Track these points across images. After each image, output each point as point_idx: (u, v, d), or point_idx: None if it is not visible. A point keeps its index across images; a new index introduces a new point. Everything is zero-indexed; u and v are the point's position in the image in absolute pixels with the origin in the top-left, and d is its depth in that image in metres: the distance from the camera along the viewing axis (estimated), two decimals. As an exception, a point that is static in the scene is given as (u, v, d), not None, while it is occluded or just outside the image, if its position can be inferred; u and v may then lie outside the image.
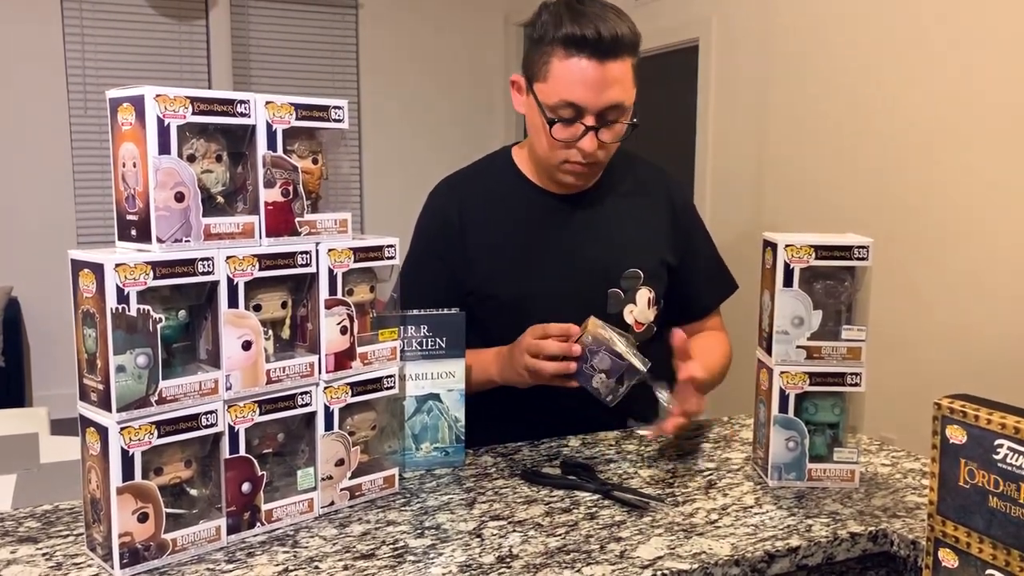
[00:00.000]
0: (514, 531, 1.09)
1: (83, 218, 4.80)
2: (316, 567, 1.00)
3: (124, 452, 0.94)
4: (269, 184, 1.05)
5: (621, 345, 1.26)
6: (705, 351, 1.48)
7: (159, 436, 0.96)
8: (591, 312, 1.34)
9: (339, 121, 1.12)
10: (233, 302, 1.02)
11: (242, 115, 1.02)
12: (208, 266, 1.00)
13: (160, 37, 4.90)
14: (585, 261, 1.48)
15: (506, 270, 1.48)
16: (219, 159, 1.03)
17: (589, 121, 1.35)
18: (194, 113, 0.98)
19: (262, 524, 1.08)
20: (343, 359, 1.13)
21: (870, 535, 1.11)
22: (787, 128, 3.40)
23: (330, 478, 1.14)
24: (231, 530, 1.05)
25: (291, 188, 1.07)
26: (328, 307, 1.11)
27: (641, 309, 1.49)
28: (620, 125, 1.38)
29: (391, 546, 1.05)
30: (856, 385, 1.23)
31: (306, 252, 1.09)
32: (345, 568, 0.99)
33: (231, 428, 1.03)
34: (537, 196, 1.51)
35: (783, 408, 1.24)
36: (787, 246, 1.21)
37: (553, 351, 1.27)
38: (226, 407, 1.03)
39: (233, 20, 5.03)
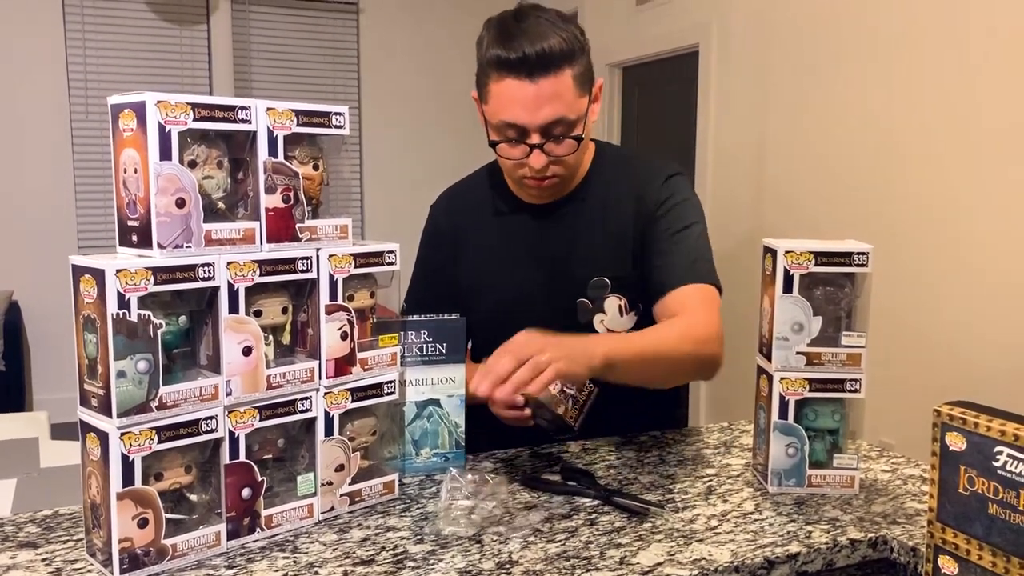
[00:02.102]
0: (514, 537, 1.09)
1: (84, 223, 4.80)
2: (316, 572, 1.00)
3: (124, 457, 0.94)
4: (270, 190, 1.05)
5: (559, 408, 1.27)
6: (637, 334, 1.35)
7: (159, 441, 0.97)
8: (564, 322, 1.34)
9: (340, 127, 1.12)
10: (234, 308, 1.02)
11: (243, 121, 1.02)
12: (209, 272, 1.00)
13: (161, 42, 4.91)
14: (555, 271, 1.48)
15: (490, 281, 1.51)
16: (220, 165, 1.03)
17: (533, 139, 1.34)
18: (195, 119, 0.98)
19: (262, 530, 1.08)
20: (343, 365, 1.14)
21: (870, 541, 1.11)
22: (787, 134, 3.40)
23: (330, 483, 1.14)
24: (231, 535, 1.05)
25: (292, 194, 1.07)
26: (328, 313, 1.11)
27: (612, 317, 1.47)
28: (569, 140, 1.35)
29: (391, 552, 1.05)
30: (856, 391, 1.23)
31: (307, 258, 1.09)
32: (345, 573, 0.99)
33: (231, 433, 1.03)
34: (516, 208, 1.52)
35: (783, 414, 1.24)
36: (787, 252, 1.21)
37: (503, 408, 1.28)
38: (226, 412, 1.03)
39: (234, 25, 5.04)
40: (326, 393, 1.12)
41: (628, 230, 1.48)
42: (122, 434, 0.94)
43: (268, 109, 1.04)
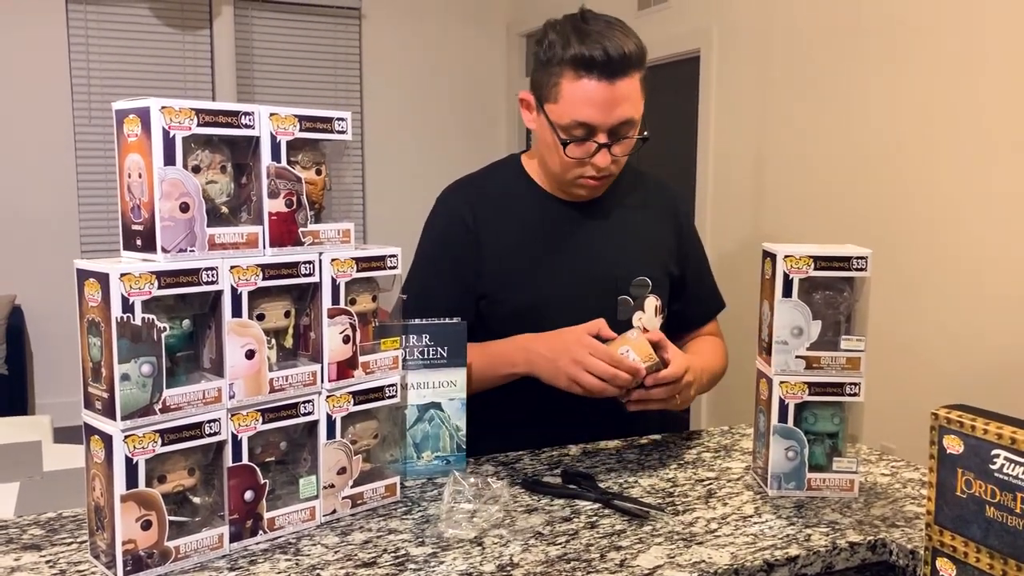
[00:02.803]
0: (515, 540, 1.09)
1: (87, 227, 4.82)
2: (318, 575, 1.00)
3: (128, 460, 0.95)
4: (273, 195, 1.06)
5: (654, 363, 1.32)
6: (700, 352, 1.55)
7: (163, 444, 0.97)
8: (601, 317, 1.36)
9: (342, 132, 1.13)
10: (237, 311, 1.03)
11: (247, 127, 1.03)
12: (212, 276, 1.01)
13: (164, 47, 4.93)
14: (596, 268, 1.50)
15: (518, 275, 1.48)
16: (224, 170, 1.04)
17: (601, 139, 1.37)
18: (199, 125, 0.99)
19: (264, 532, 1.09)
20: (345, 368, 1.14)
21: (869, 544, 1.11)
22: (787, 138, 3.41)
23: (332, 486, 1.15)
24: (233, 538, 1.06)
25: (295, 199, 1.08)
26: (331, 316, 1.12)
27: (649, 316, 1.52)
28: (632, 139, 1.40)
29: (392, 554, 1.06)
30: (855, 395, 1.24)
31: (309, 262, 1.10)
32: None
33: (234, 436, 1.04)
34: (548, 203, 1.52)
35: (782, 418, 1.24)
36: (786, 257, 1.22)
37: (620, 382, 1.28)
38: (229, 415, 1.03)
39: (237, 30, 5.06)
40: (328, 396, 1.13)
41: (666, 238, 1.58)
42: (126, 437, 0.95)
43: (271, 114, 1.05)
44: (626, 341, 1.31)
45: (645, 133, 1.42)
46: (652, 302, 1.52)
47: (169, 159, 0.97)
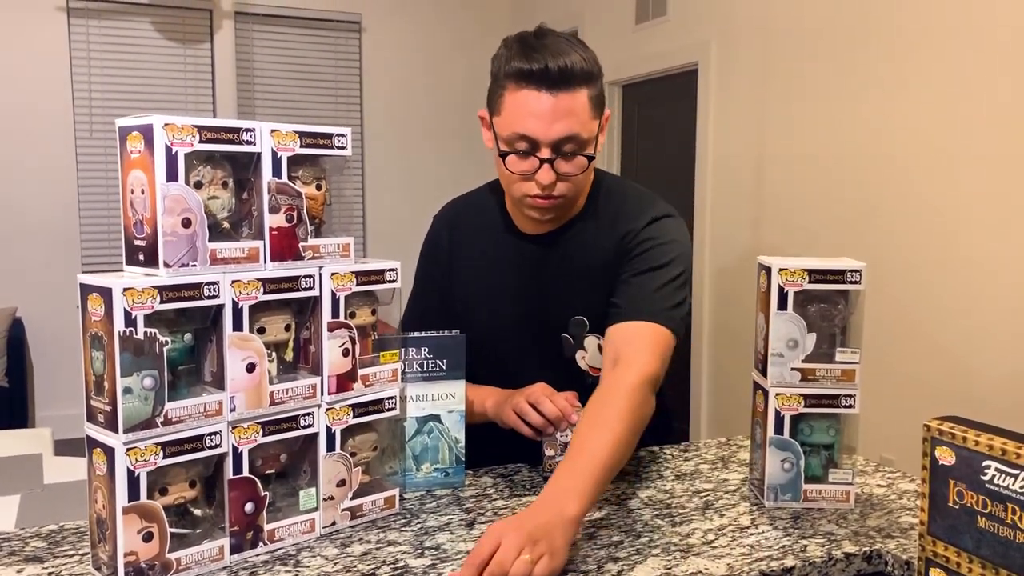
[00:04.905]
0: (513, 551, 1.10)
1: (87, 241, 4.83)
2: (317, 586, 1.01)
3: (130, 472, 0.96)
4: (274, 210, 1.07)
5: None
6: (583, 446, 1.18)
7: (164, 456, 0.98)
8: (548, 355, 1.42)
9: (342, 148, 1.14)
10: (238, 325, 1.04)
11: (248, 143, 1.05)
12: (214, 290, 1.02)
13: (165, 61, 4.96)
14: (538, 305, 1.47)
15: (477, 305, 1.51)
16: (225, 186, 1.05)
17: (543, 154, 1.32)
18: (201, 141, 1.00)
19: (265, 544, 1.09)
20: (345, 381, 1.15)
21: (864, 555, 1.12)
22: (785, 151, 3.43)
23: (331, 498, 1.16)
24: (234, 550, 1.06)
25: (295, 213, 1.09)
26: (331, 330, 1.13)
27: (592, 354, 1.46)
28: (579, 158, 1.34)
29: (391, 566, 1.06)
30: (850, 407, 1.25)
31: (309, 276, 1.11)
32: (346, 587, 1.01)
33: (235, 449, 1.05)
34: (509, 235, 1.50)
35: (778, 429, 1.25)
36: (781, 270, 1.23)
37: (540, 418, 1.33)
38: (230, 428, 1.04)
39: (238, 44, 5.09)
40: (328, 409, 1.14)
41: (608, 268, 1.43)
42: (128, 449, 0.96)
43: (272, 131, 1.07)
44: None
45: (590, 151, 1.34)
46: (593, 341, 1.46)
47: (171, 175, 0.98)
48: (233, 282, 1.03)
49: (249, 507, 1.07)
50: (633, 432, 1.20)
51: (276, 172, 1.07)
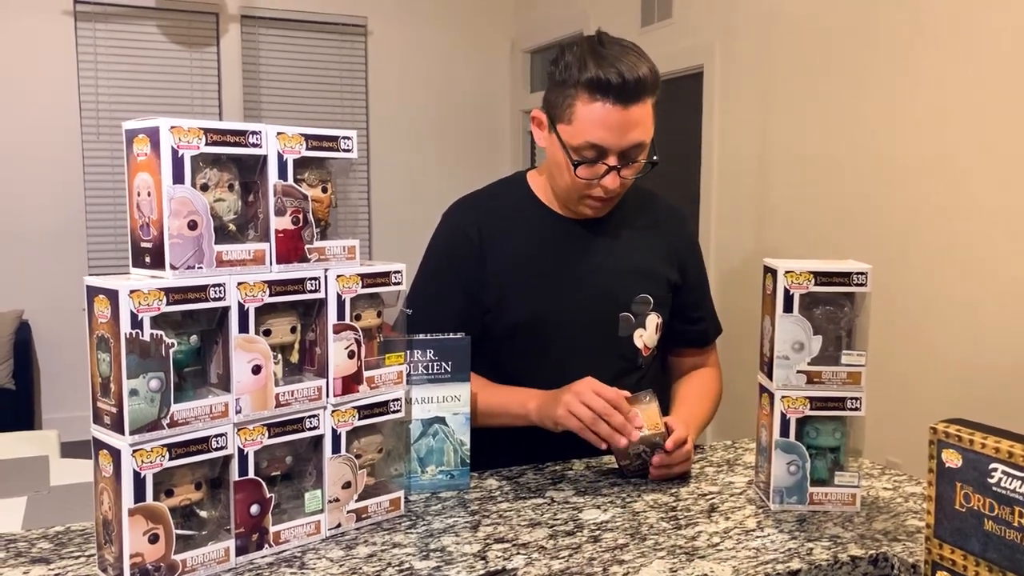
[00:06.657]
0: (518, 554, 1.10)
1: (94, 243, 4.85)
2: (323, 588, 1.01)
3: (136, 474, 0.96)
4: (279, 212, 1.08)
5: (658, 438, 1.34)
6: (690, 400, 1.58)
7: (170, 458, 0.99)
8: (602, 335, 1.43)
9: (348, 151, 1.15)
10: (243, 327, 1.05)
11: (254, 146, 1.05)
12: (220, 292, 1.02)
13: (172, 64, 4.97)
14: (598, 285, 1.51)
15: (522, 291, 1.50)
16: (231, 188, 1.05)
17: (612, 161, 1.39)
18: (207, 144, 1.01)
19: (270, 546, 1.10)
20: (350, 383, 1.16)
21: (871, 559, 1.12)
22: (790, 154, 3.43)
23: (337, 500, 1.16)
24: (239, 551, 1.07)
25: (301, 216, 1.09)
26: (336, 332, 1.13)
27: (650, 334, 1.54)
28: (640, 162, 1.43)
29: (396, 568, 1.06)
30: (856, 409, 1.25)
31: (315, 278, 1.11)
32: (351, 589, 1.01)
33: (240, 451, 1.05)
34: (553, 220, 1.53)
35: (784, 432, 1.25)
36: (787, 272, 1.23)
37: (613, 420, 1.30)
38: (236, 430, 1.05)
39: (244, 47, 5.11)
40: (333, 411, 1.14)
41: (668, 257, 1.58)
42: (134, 451, 0.96)
43: (278, 134, 1.07)
44: (638, 402, 1.34)
45: (655, 157, 1.44)
46: (654, 320, 1.54)
47: (178, 178, 0.98)
48: (239, 284, 1.04)
49: (255, 509, 1.07)
50: (709, 422, 1.61)
51: (282, 175, 1.08)
